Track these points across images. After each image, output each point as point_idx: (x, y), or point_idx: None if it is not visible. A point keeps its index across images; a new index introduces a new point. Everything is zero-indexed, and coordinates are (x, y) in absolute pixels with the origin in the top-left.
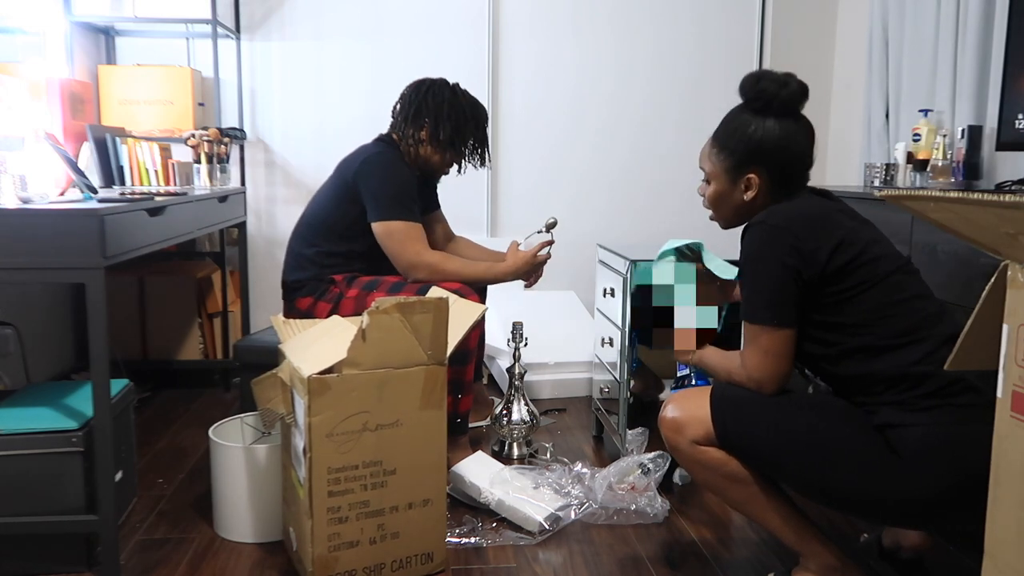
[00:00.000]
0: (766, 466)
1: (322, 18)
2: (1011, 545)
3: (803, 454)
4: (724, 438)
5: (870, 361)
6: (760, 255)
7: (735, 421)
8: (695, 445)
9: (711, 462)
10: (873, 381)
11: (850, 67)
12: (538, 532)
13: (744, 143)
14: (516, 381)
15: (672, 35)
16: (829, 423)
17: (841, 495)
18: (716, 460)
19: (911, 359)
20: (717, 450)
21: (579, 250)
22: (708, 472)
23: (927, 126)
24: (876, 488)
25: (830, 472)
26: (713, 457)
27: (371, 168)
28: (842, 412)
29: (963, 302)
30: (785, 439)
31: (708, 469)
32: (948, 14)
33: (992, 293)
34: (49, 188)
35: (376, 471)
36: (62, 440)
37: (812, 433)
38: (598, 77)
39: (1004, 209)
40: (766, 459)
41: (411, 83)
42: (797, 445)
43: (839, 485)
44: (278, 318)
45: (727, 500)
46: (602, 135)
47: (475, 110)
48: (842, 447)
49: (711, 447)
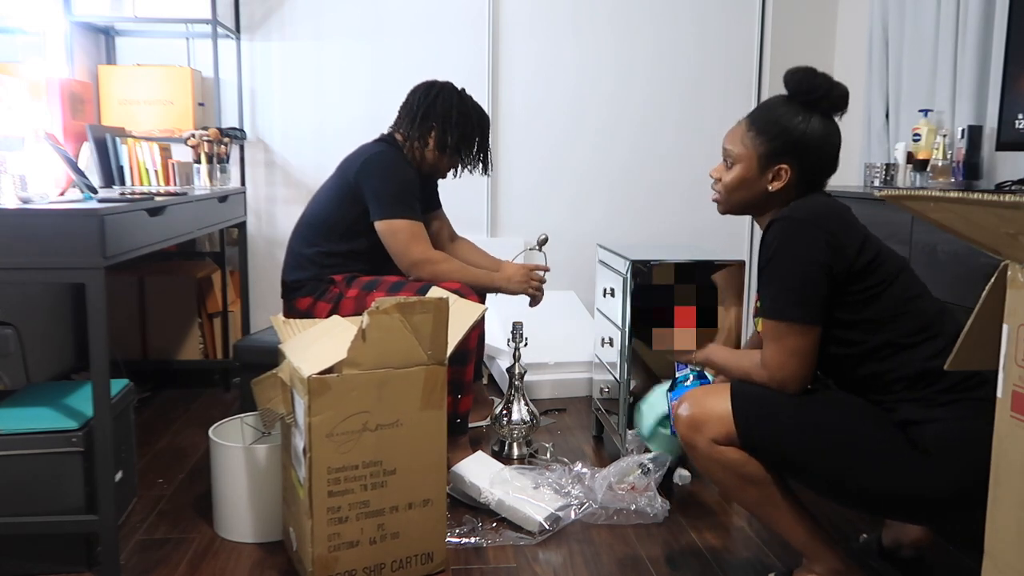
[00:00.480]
0: (789, 465)
1: (322, 18)
2: (1011, 545)
3: (829, 452)
4: (747, 436)
5: (890, 359)
6: (790, 250)
7: (759, 419)
8: (714, 444)
9: (731, 462)
10: (893, 379)
11: (850, 67)
12: (538, 532)
13: (786, 133)
14: (516, 381)
15: (672, 35)
16: (854, 420)
17: (865, 492)
18: (735, 460)
19: (927, 355)
20: (736, 450)
21: (579, 250)
22: (726, 472)
23: (927, 126)
24: (901, 484)
25: (855, 469)
26: (732, 458)
27: (374, 167)
28: (864, 409)
29: (963, 302)
30: (811, 436)
31: (727, 469)
32: (948, 14)
33: (992, 293)
34: (49, 188)
35: (376, 471)
36: (62, 440)
37: (838, 431)
38: (598, 77)
39: (1004, 209)
40: (789, 457)
41: (419, 85)
42: (823, 443)
43: (864, 482)
44: (278, 318)
45: (741, 501)
46: (602, 135)
47: (481, 118)
48: (867, 444)
49: (730, 447)
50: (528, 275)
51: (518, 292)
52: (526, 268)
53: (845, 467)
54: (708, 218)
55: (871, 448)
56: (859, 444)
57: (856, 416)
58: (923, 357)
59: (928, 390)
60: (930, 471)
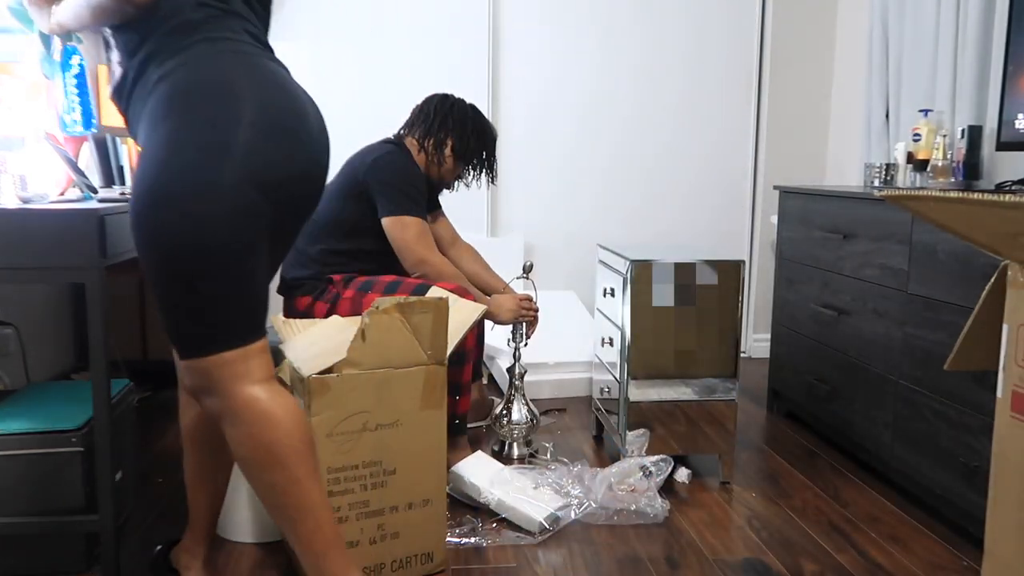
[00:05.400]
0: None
1: (322, 19)
2: (1010, 543)
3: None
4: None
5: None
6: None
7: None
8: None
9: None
10: None
11: (850, 67)
12: (538, 532)
13: None
14: (516, 381)
15: (672, 35)
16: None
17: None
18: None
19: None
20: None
21: (579, 250)
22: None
23: (927, 126)
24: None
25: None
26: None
27: (383, 166)
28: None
29: (963, 302)
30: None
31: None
32: (948, 14)
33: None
34: (49, 188)
35: (376, 471)
36: (62, 440)
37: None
38: (598, 77)
39: (1004, 209)
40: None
41: (434, 95)
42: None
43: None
44: (278, 318)
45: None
46: (602, 135)
47: (492, 130)
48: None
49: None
50: (519, 304)
51: (509, 322)
52: (516, 298)
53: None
54: (708, 218)
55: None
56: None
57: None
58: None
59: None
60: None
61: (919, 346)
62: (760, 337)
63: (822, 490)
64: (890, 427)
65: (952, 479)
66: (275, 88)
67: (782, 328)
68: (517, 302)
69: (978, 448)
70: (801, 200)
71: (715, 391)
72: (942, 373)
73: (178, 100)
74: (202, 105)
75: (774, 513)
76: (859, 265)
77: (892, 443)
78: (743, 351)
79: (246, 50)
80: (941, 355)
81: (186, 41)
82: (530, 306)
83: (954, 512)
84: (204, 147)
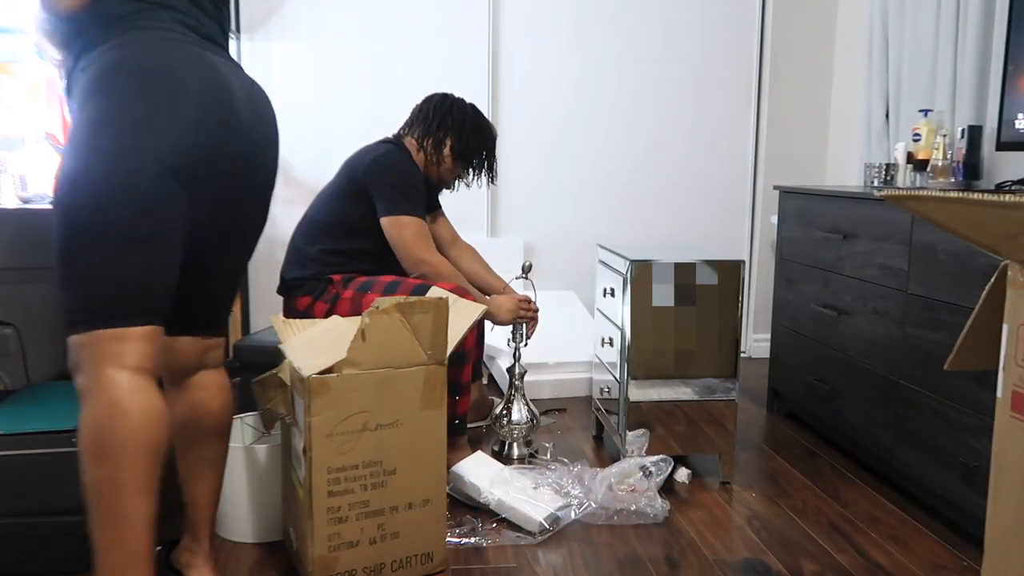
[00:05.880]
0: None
1: (322, 18)
2: (1011, 543)
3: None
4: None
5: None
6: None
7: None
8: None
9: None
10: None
11: (850, 67)
12: (538, 532)
13: None
14: (516, 381)
15: (671, 35)
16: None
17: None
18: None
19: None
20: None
21: (579, 250)
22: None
23: (927, 126)
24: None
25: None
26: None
27: (382, 165)
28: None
29: (963, 302)
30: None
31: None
32: (948, 14)
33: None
34: (49, 188)
35: (376, 471)
36: (62, 440)
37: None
38: (598, 77)
39: (1004, 209)
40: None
41: (433, 94)
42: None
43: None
44: (278, 318)
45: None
46: (602, 135)
47: (492, 130)
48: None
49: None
50: (519, 305)
51: (509, 322)
52: (516, 299)
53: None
54: (708, 218)
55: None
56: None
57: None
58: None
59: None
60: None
61: (919, 346)
62: (760, 337)
63: (822, 490)
64: (890, 427)
65: (952, 479)
66: (201, 75)
67: (782, 328)
68: (517, 302)
69: (978, 448)
70: (801, 200)
71: (715, 391)
72: (942, 373)
73: (102, 82)
74: (125, 89)
75: (774, 513)
76: (859, 265)
77: (892, 443)
78: (743, 351)
79: (175, 38)
80: (941, 355)
81: (115, 30)
82: (530, 306)
83: (954, 512)
84: (121, 132)
